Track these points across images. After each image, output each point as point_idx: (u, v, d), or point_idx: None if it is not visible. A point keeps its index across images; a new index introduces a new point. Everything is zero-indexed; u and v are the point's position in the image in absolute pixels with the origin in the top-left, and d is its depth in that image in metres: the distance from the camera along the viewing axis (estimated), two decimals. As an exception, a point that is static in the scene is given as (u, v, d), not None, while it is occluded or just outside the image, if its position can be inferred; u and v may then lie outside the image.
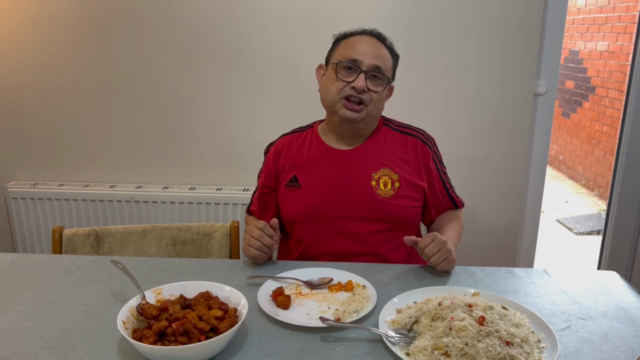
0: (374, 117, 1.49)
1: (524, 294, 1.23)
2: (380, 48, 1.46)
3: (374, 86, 1.44)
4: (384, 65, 1.44)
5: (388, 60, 1.47)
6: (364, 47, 1.44)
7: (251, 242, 1.35)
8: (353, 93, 1.42)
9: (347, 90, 1.43)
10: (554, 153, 5.85)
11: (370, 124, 1.51)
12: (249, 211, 1.68)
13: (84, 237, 1.62)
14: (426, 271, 1.34)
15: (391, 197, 1.47)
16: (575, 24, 5.38)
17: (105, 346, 1.01)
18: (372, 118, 1.48)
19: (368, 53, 1.43)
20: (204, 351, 0.95)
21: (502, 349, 0.93)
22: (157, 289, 1.12)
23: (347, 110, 1.43)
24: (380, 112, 1.52)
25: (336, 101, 1.45)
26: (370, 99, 1.43)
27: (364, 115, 1.44)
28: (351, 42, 1.47)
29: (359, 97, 1.42)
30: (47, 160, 2.41)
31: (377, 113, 1.49)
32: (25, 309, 1.15)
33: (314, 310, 1.15)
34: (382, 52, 1.46)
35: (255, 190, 1.65)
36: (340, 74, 1.44)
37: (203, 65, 2.21)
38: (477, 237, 2.31)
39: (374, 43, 1.46)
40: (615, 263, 2.47)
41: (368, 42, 1.46)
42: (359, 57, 1.42)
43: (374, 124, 1.53)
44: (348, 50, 1.45)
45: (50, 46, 2.25)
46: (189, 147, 2.33)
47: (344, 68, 1.44)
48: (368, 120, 1.48)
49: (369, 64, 1.42)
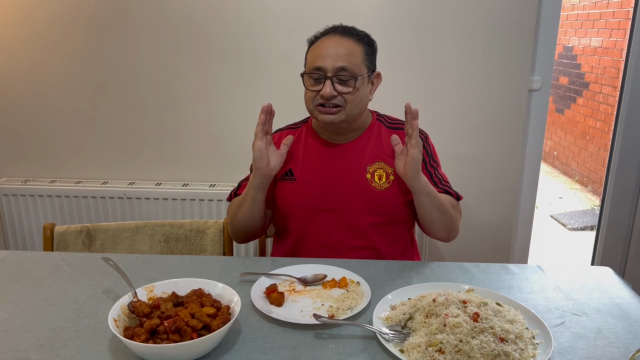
0: (357, 114, 1.47)
1: (518, 290, 1.23)
2: (345, 44, 1.42)
3: (343, 87, 1.41)
4: (349, 63, 1.40)
5: (356, 54, 1.42)
6: (325, 51, 1.40)
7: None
8: (323, 101, 1.41)
9: (318, 99, 1.42)
10: (547, 149, 5.87)
11: (355, 121, 1.49)
12: (235, 194, 1.59)
13: (76, 234, 1.61)
14: (421, 268, 1.34)
15: (386, 190, 1.47)
16: (569, 20, 5.39)
17: (97, 344, 1.00)
18: (354, 116, 1.46)
19: (330, 56, 1.39)
20: (197, 349, 0.94)
21: (497, 345, 0.92)
22: (149, 287, 1.11)
23: (324, 114, 1.43)
24: (364, 106, 1.49)
25: (312, 109, 1.46)
26: (345, 100, 1.41)
27: (343, 116, 1.43)
28: (314, 49, 1.45)
29: (331, 103, 1.41)
30: (38, 157, 2.39)
31: (360, 109, 1.47)
32: (15, 307, 1.13)
33: (308, 307, 1.14)
34: (347, 48, 1.41)
35: (245, 179, 1.60)
36: (308, 83, 1.44)
37: (196, 61, 2.20)
38: (472, 234, 2.31)
39: (337, 42, 1.42)
40: (608, 259, 2.48)
41: (330, 43, 1.42)
42: (322, 64, 1.40)
43: (359, 119, 1.51)
44: (312, 57, 1.43)
45: (42, 42, 2.22)
46: (182, 144, 2.32)
47: (310, 78, 1.43)
48: (351, 120, 1.46)
49: (333, 67, 1.39)
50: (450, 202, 1.52)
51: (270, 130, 1.46)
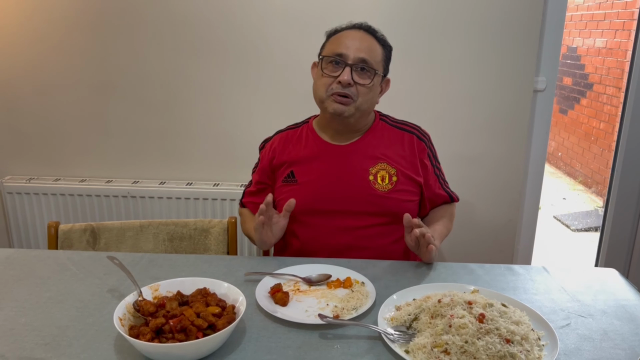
0: (365, 111, 1.47)
1: (523, 291, 1.22)
2: (369, 41, 1.45)
3: (360, 79, 1.42)
4: (370, 58, 1.43)
5: (377, 52, 1.46)
6: (350, 41, 1.43)
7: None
8: (339, 89, 1.42)
9: (333, 87, 1.42)
10: (551, 150, 5.86)
11: (362, 118, 1.50)
12: (242, 204, 1.69)
13: (80, 232, 1.61)
14: (425, 268, 1.34)
15: (389, 191, 1.47)
16: (574, 21, 5.38)
17: (102, 343, 1.00)
18: (362, 112, 1.47)
19: (354, 46, 1.42)
20: (202, 348, 0.94)
21: (502, 346, 0.92)
22: (154, 285, 1.11)
23: (335, 104, 1.43)
24: (372, 106, 1.50)
25: (325, 98, 1.45)
26: (358, 93, 1.42)
27: (353, 109, 1.44)
28: (338, 37, 1.47)
29: (344, 92, 1.41)
30: (42, 155, 2.39)
31: (368, 107, 1.48)
32: (20, 305, 1.13)
33: (313, 307, 1.14)
34: (370, 44, 1.45)
35: (250, 185, 1.66)
36: (327, 69, 1.45)
37: (200, 60, 2.20)
38: (475, 234, 2.30)
39: (362, 36, 1.45)
40: (613, 260, 2.47)
41: (355, 35, 1.45)
42: (344, 51, 1.42)
43: (366, 118, 1.52)
44: (335, 45, 1.45)
45: (46, 41, 2.22)
46: (186, 143, 2.32)
47: (330, 63, 1.44)
48: (358, 115, 1.47)
49: (354, 57, 1.41)
50: (450, 215, 1.60)
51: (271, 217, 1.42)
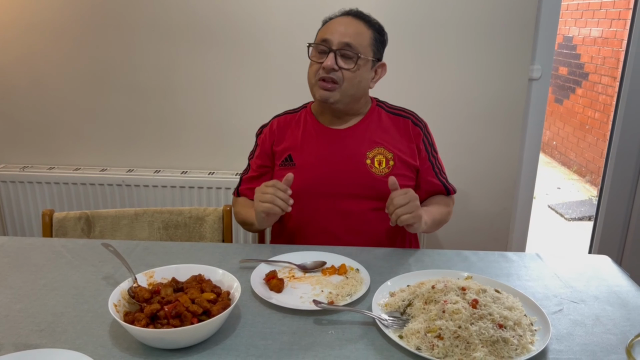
0: (353, 96, 1.47)
1: (516, 278, 1.23)
2: (355, 25, 1.45)
3: (345, 64, 1.43)
4: (355, 42, 1.43)
5: (364, 36, 1.45)
6: (335, 27, 1.45)
7: (264, 197, 1.31)
8: (324, 74, 1.43)
9: (320, 72, 1.44)
10: (546, 139, 5.87)
11: (352, 103, 1.50)
12: (237, 192, 1.63)
13: (75, 220, 1.61)
14: (420, 255, 1.34)
15: (386, 175, 1.47)
16: (570, 10, 5.37)
17: (97, 329, 1.01)
18: (350, 97, 1.47)
19: (339, 32, 1.43)
20: (197, 334, 0.95)
21: (495, 331, 0.93)
22: (149, 272, 1.11)
23: (321, 90, 1.45)
24: (362, 91, 1.50)
25: (313, 84, 1.47)
26: (343, 77, 1.43)
27: (338, 95, 1.44)
28: (327, 25, 1.49)
29: (329, 76, 1.42)
30: (37, 143, 2.38)
31: (356, 92, 1.47)
32: (15, 293, 1.13)
33: (307, 294, 1.15)
34: (357, 29, 1.45)
35: (247, 171, 1.63)
36: (314, 55, 1.47)
37: (196, 49, 2.18)
38: (470, 222, 2.31)
39: (348, 21, 1.46)
40: (606, 248, 2.49)
41: (342, 21, 1.46)
42: (329, 37, 1.43)
43: (358, 102, 1.52)
44: (322, 32, 1.48)
45: (40, 29, 2.20)
46: (181, 131, 2.31)
47: (316, 49, 1.47)
48: (347, 100, 1.47)
49: (338, 42, 1.42)
50: (445, 204, 1.58)
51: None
